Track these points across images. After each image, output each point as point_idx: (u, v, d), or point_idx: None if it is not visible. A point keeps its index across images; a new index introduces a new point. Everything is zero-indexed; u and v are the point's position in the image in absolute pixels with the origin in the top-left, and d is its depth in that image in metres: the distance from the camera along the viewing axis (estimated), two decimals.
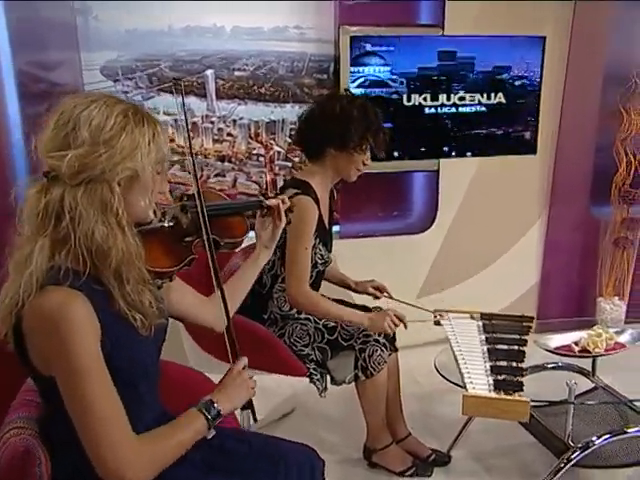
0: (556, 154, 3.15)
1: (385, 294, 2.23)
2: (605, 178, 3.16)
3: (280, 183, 2.91)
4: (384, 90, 2.80)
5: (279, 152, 2.89)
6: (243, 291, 1.48)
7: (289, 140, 2.87)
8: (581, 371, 2.33)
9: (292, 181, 2.09)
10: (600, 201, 3.22)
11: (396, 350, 2.19)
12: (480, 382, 1.75)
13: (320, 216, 2.02)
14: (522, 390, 1.71)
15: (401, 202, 3.19)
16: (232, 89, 2.75)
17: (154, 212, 1.18)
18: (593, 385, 2.29)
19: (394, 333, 2.11)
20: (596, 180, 3.20)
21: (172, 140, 2.68)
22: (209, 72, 2.69)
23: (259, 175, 2.88)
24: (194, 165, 1.34)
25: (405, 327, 2.02)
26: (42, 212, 1.05)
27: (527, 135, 3.02)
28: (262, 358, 1.89)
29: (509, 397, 1.68)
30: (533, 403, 1.71)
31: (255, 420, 1.30)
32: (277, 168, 2.91)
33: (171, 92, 1.36)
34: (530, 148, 3.03)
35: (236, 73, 2.75)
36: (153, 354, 1.22)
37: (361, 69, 2.75)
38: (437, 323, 2.16)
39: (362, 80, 2.75)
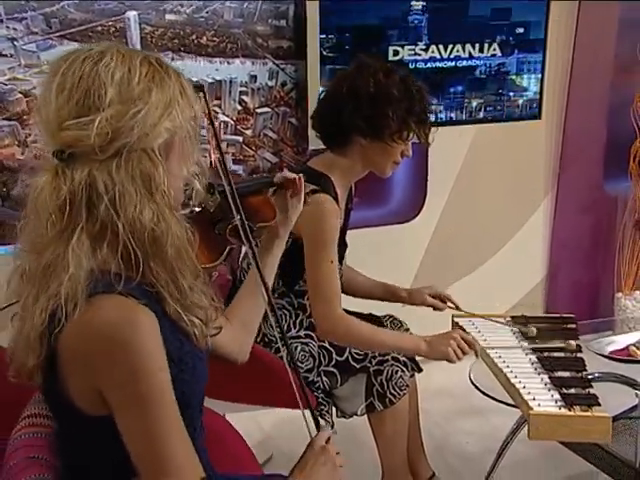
0: (565, 118, 3.17)
1: (449, 304, 2.15)
2: (621, 145, 3.15)
3: (229, 164, 2.83)
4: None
5: (226, 123, 2.81)
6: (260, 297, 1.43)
7: (239, 107, 2.79)
8: (627, 382, 2.22)
9: (306, 170, 1.93)
10: (615, 174, 3.23)
11: (420, 370, 2.12)
12: (544, 398, 1.73)
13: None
14: (599, 404, 1.69)
15: (377, 183, 2.95)
16: (163, 38, 2.64)
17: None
18: None
19: None
20: (610, 148, 3.20)
21: None
22: (131, 14, 2.55)
23: (201, 154, 2.75)
24: (216, 135, 1.34)
25: (477, 355, 1.91)
26: (67, 203, 1.02)
27: (530, 96, 3.03)
28: (260, 388, 1.86)
29: (588, 413, 1.66)
30: None
31: None
32: (225, 145, 2.81)
33: (79, 40, 1.27)
34: (534, 111, 3.04)
35: (168, 17, 2.64)
36: (207, 375, 1.18)
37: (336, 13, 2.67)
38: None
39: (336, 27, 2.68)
